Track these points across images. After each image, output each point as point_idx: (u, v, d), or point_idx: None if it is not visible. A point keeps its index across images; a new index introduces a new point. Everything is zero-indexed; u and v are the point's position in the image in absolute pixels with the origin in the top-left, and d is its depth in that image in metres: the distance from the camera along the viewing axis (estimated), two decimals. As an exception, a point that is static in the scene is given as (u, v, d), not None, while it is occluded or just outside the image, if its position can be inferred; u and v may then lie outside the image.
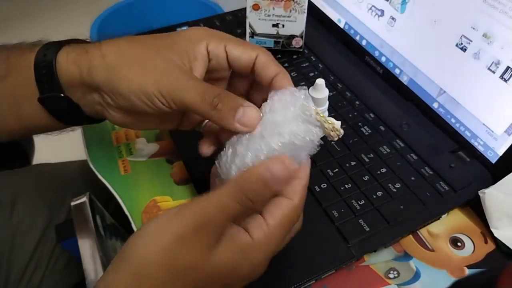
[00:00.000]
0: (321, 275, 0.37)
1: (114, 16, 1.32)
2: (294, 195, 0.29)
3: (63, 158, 0.69)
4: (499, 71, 0.41)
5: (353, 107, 0.51)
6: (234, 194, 0.27)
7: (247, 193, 0.27)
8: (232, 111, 0.30)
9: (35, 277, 0.54)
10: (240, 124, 0.30)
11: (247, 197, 0.27)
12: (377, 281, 0.37)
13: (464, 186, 0.42)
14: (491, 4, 0.41)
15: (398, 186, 0.42)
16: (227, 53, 0.34)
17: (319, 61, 0.58)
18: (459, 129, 0.47)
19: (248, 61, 0.34)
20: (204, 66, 0.34)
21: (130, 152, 0.49)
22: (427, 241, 0.41)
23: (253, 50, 0.34)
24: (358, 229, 0.39)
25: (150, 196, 0.45)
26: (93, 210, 0.42)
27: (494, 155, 0.43)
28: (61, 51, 0.34)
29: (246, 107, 0.30)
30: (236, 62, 0.34)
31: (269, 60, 0.33)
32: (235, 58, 0.34)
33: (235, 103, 0.31)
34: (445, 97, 0.48)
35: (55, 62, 0.34)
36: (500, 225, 0.40)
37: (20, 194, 0.57)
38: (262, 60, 0.33)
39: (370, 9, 0.56)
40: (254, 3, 0.55)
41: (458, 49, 0.45)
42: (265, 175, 0.27)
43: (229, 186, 0.27)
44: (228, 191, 0.27)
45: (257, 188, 0.27)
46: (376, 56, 0.56)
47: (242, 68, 0.34)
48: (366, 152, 0.45)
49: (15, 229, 0.55)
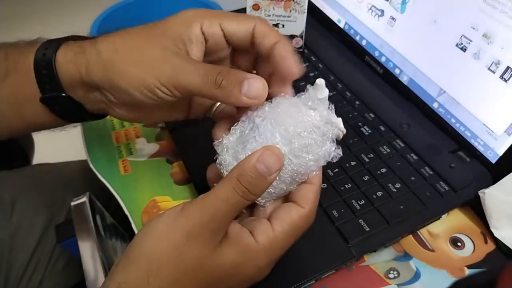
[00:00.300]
0: (321, 275, 0.37)
1: (114, 16, 1.31)
2: (305, 202, 0.30)
3: (63, 158, 0.69)
4: (499, 71, 0.41)
5: (353, 107, 0.51)
6: (235, 187, 0.27)
7: (246, 185, 0.27)
8: (237, 86, 0.29)
9: (35, 277, 0.54)
10: (248, 97, 0.29)
11: (246, 189, 0.27)
12: (377, 281, 0.37)
13: (464, 186, 0.42)
14: (491, 4, 0.41)
15: (398, 186, 0.42)
16: (223, 30, 0.33)
17: (319, 61, 0.58)
18: (459, 129, 0.47)
19: (245, 34, 0.32)
20: (201, 48, 0.33)
21: (130, 152, 0.49)
22: (427, 241, 0.41)
23: (249, 21, 0.32)
24: (358, 229, 0.39)
25: (150, 196, 0.45)
26: (93, 210, 0.42)
27: (494, 155, 0.43)
28: (59, 50, 0.34)
29: (251, 79, 0.30)
30: (234, 37, 0.33)
31: (267, 29, 0.32)
32: (232, 33, 0.33)
33: (239, 77, 0.30)
34: (445, 97, 0.48)
35: (54, 62, 0.33)
36: (500, 225, 0.40)
37: (20, 194, 0.57)
38: (259, 29, 0.32)
39: (370, 9, 0.56)
40: (254, 3, 0.55)
41: (458, 49, 0.45)
42: (260, 168, 0.27)
43: (229, 180, 0.27)
44: (230, 184, 0.27)
45: (254, 181, 0.27)
46: (376, 56, 0.56)
47: (241, 43, 0.33)
48: (366, 152, 0.45)
49: (15, 229, 0.55)
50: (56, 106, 0.35)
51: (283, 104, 0.30)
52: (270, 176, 0.27)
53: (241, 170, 0.27)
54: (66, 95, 0.34)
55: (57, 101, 0.35)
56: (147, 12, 1.44)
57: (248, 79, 0.30)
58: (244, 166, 0.27)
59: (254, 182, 0.27)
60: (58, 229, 0.44)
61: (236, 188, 0.27)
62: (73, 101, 0.35)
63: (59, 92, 0.34)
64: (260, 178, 0.27)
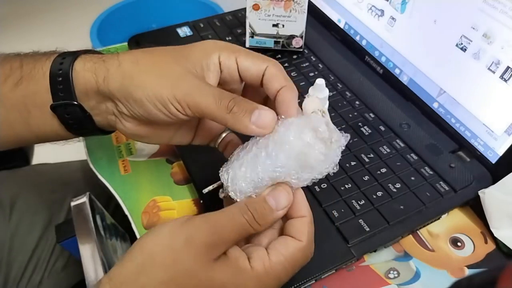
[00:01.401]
0: (321, 275, 0.37)
1: (114, 16, 1.32)
2: (301, 236, 0.30)
3: (63, 158, 0.69)
4: (499, 71, 0.42)
5: (353, 107, 0.51)
6: (243, 210, 0.29)
7: (254, 213, 0.29)
8: (247, 114, 0.30)
9: (35, 277, 0.54)
10: (256, 126, 0.30)
11: (253, 216, 0.29)
12: (377, 281, 0.37)
13: (464, 186, 0.42)
14: (491, 4, 0.41)
15: (398, 186, 0.42)
16: (238, 64, 0.34)
17: (319, 61, 0.58)
18: (459, 129, 0.47)
19: (257, 73, 0.33)
20: (217, 76, 0.34)
21: (130, 152, 0.49)
22: (427, 241, 0.41)
23: (263, 62, 0.34)
24: (358, 229, 0.39)
25: (150, 196, 0.45)
26: (93, 210, 0.42)
27: (494, 155, 0.43)
28: (78, 59, 0.34)
29: (262, 110, 0.31)
30: (246, 73, 0.34)
31: (278, 73, 0.33)
32: (245, 69, 0.34)
33: (251, 106, 0.31)
34: (445, 97, 0.48)
35: (71, 70, 0.34)
36: (500, 225, 0.40)
37: (20, 194, 0.57)
38: (271, 71, 0.33)
39: (370, 9, 0.56)
40: (254, 3, 0.55)
41: (458, 49, 0.45)
42: (269, 200, 0.30)
43: (238, 203, 0.30)
44: (237, 206, 0.30)
45: (263, 212, 0.29)
46: (376, 56, 0.56)
47: (252, 80, 0.34)
48: (366, 152, 0.45)
49: (14, 229, 0.55)
50: (65, 115, 0.35)
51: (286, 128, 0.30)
52: (278, 211, 0.30)
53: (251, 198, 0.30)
54: (77, 104, 0.34)
55: (67, 109, 0.35)
56: (147, 12, 1.44)
57: (260, 110, 0.31)
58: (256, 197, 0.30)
59: (261, 211, 0.29)
60: (58, 229, 0.44)
61: (242, 211, 0.29)
62: (83, 111, 0.35)
63: (71, 100, 0.34)
64: (267, 208, 0.29)
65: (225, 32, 0.63)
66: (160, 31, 0.64)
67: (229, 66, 0.34)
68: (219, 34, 0.63)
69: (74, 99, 0.34)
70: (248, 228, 0.29)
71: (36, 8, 1.97)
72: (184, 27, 0.64)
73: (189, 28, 0.64)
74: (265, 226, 0.30)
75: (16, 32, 1.81)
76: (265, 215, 0.29)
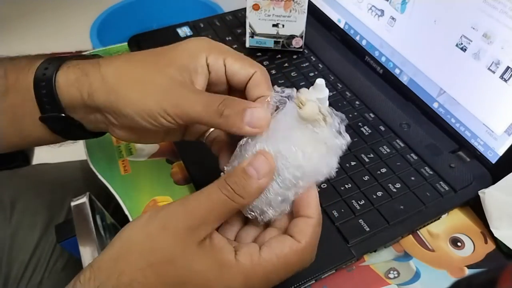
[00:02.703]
0: (321, 275, 0.37)
1: (114, 16, 1.32)
2: (302, 237, 0.28)
3: (63, 158, 0.69)
4: (499, 71, 0.42)
5: (353, 107, 0.51)
6: (221, 186, 0.28)
7: (234, 186, 0.27)
8: (239, 115, 0.29)
9: (35, 277, 0.54)
10: (250, 126, 0.29)
11: (231, 188, 0.27)
12: (377, 281, 0.37)
13: (464, 186, 0.42)
14: (491, 4, 0.41)
15: (398, 186, 0.42)
16: (226, 67, 0.33)
17: (319, 61, 0.58)
18: (459, 129, 0.47)
19: (245, 78, 0.33)
20: (205, 79, 0.33)
21: (130, 152, 0.49)
22: (427, 241, 0.41)
23: (252, 67, 0.33)
24: (358, 229, 0.39)
25: (150, 196, 0.45)
26: (93, 210, 0.42)
27: (494, 155, 0.43)
28: (60, 70, 0.33)
29: (253, 108, 0.29)
30: (234, 77, 0.33)
31: (262, 81, 0.33)
32: (233, 72, 0.33)
33: (242, 106, 0.30)
34: (445, 97, 0.48)
35: (55, 83, 0.33)
36: (500, 225, 0.40)
37: (20, 194, 0.57)
38: (256, 78, 0.33)
39: (370, 9, 0.56)
40: (254, 3, 0.55)
41: (458, 49, 0.45)
42: (248, 169, 0.28)
43: (218, 180, 0.28)
44: (216, 184, 0.28)
45: (240, 181, 0.28)
46: (376, 56, 0.56)
47: (238, 84, 0.33)
48: (366, 152, 0.45)
49: (15, 229, 0.55)
50: (55, 125, 0.35)
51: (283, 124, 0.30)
52: (260, 179, 0.28)
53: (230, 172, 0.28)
54: (66, 115, 0.34)
55: (57, 120, 0.34)
56: (147, 12, 1.44)
57: (251, 108, 0.29)
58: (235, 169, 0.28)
59: (240, 182, 0.27)
60: (58, 229, 0.44)
61: (220, 186, 0.28)
62: (73, 121, 0.35)
63: (59, 113, 0.34)
64: (247, 178, 0.27)
65: (225, 32, 0.63)
66: (160, 31, 0.64)
67: (217, 69, 0.33)
68: (219, 34, 0.63)
69: (61, 111, 0.34)
70: (230, 204, 0.27)
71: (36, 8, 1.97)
72: (184, 27, 0.64)
73: (189, 28, 0.64)
74: (249, 198, 0.28)
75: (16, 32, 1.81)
76: (246, 186, 0.27)
